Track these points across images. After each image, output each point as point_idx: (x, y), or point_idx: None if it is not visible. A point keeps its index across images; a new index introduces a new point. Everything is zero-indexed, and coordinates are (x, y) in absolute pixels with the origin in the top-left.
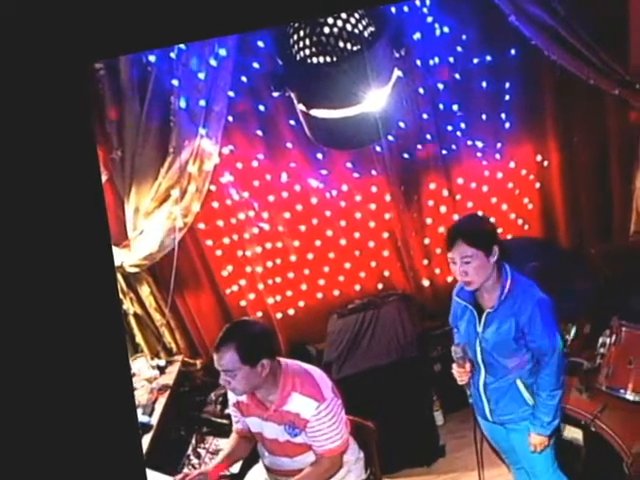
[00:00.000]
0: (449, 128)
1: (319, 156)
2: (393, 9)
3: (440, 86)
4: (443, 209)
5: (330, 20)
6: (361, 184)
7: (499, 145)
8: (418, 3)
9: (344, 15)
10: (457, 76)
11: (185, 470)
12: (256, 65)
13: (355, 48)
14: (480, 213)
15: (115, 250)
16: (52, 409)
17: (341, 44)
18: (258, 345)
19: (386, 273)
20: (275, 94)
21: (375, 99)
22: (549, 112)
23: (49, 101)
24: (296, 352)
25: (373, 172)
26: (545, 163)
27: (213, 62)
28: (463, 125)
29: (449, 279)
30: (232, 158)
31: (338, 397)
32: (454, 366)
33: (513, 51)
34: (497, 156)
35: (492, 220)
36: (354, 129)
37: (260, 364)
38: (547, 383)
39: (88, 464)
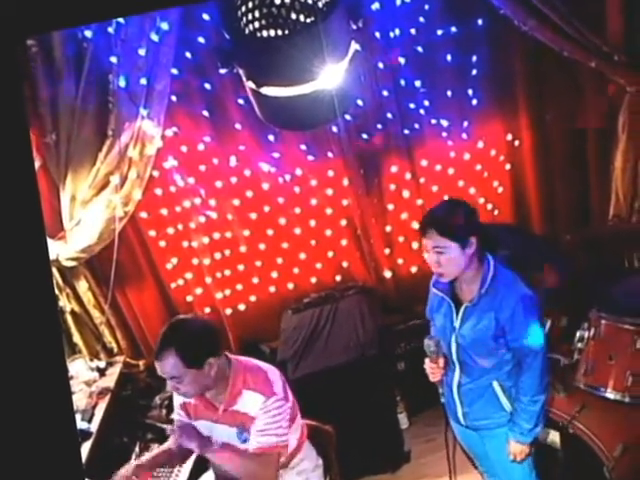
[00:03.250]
0: (411, 106)
1: (270, 138)
2: None
3: (401, 60)
4: (406, 194)
5: None
6: (316, 168)
7: (466, 124)
8: None
9: None
10: (420, 49)
11: None
12: (201, 40)
13: (308, 20)
14: (458, 199)
15: (50, 242)
16: None
17: (293, 16)
18: (200, 345)
19: (344, 264)
20: (222, 71)
21: (331, 75)
22: (520, 87)
23: None
24: (248, 351)
25: (329, 154)
26: (516, 142)
27: (154, 37)
28: (426, 102)
29: (413, 269)
30: (176, 141)
31: (289, 399)
32: (426, 361)
33: (480, 21)
34: (464, 136)
35: (471, 208)
36: (308, 108)
37: (207, 364)
38: (528, 387)
39: (22, 476)
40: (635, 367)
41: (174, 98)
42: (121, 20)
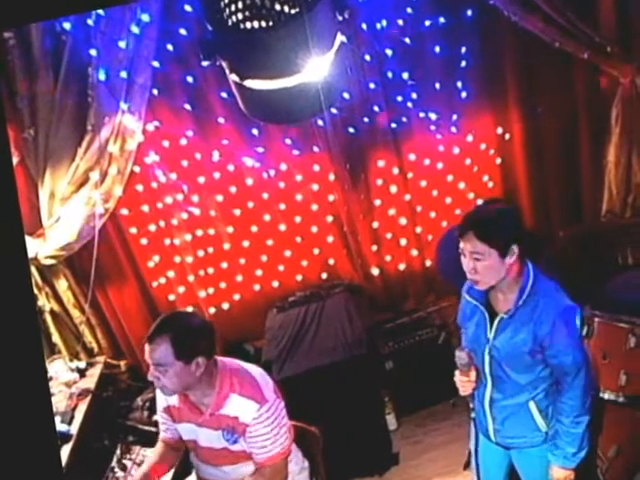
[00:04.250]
0: (399, 99)
1: (255, 132)
2: None
3: (388, 52)
4: (393, 189)
5: None
6: (302, 162)
7: (455, 117)
8: None
9: None
10: (407, 40)
11: None
12: (183, 31)
13: (293, 11)
14: (505, 203)
15: (28, 240)
16: None
17: (277, 7)
18: (196, 340)
19: (331, 261)
20: (205, 63)
21: (316, 68)
22: (510, 79)
23: None
24: (232, 351)
25: (315, 149)
26: (506, 136)
27: (135, 29)
28: (414, 95)
29: (401, 267)
30: (158, 135)
31: (280, 399)
32: (457, 374)
33: (469, 12)
34: (453, 129)
35: (517, 213)
36: (293, 101)
37: (195, 362)
38: (570, 408)
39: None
40: (629, 366)
41: (155, 91)
42: (101, 12)
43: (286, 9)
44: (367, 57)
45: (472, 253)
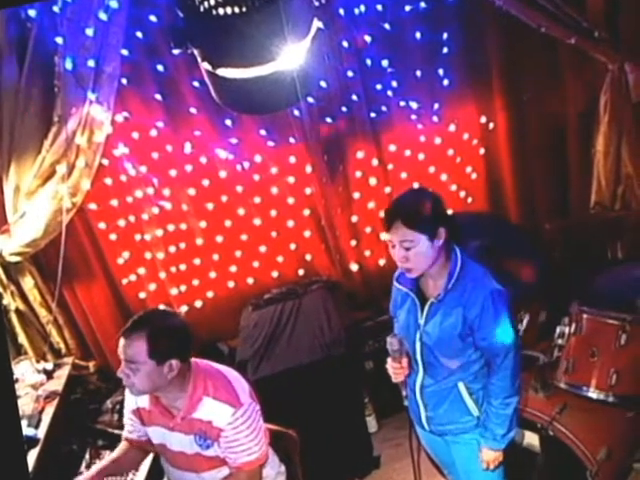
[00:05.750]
0: (378, 87)
1: (228, 123)
2: None
3: (367, 38)
4: (373, 181)
5: None
6: (277, 154)
7: (437, 106)
8: None
9: None
10: (387, 26)
11: None
12: (153, 18)
13: None
14: (424, 188)
15: None
16: None
17: None
18: (172, 342)
19: (308, 257)
20: (176, 51)
21: (292, 55)
22: (494, 66)
23: None
24: (205, 350)
25: (291, 140)
26: (490, 125)
27: (103, 16)
28: (394, 83)
29: (381, 262)
30: (127, 127)
31: (256, 402)
32: (389, 360)
33: None
34: (435, 118)
35: (438, 196)
36: (268, 90)
37: (168, 363)
38: (500, 389)
39: None
40: (619, 365)
41: (124, 81)
42: None
43: None
44: (345, 44)
45: (402, 242)
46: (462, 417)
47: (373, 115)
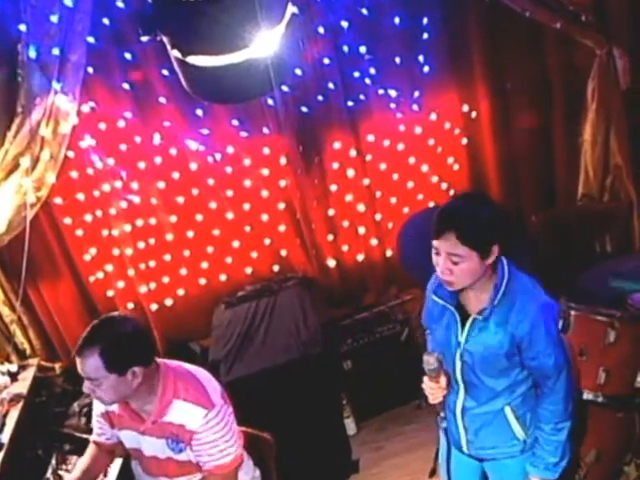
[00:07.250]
0: (356, 74)
1: (199, 112)
2: None
3: (344, 24)
4: (351, 173)
5: None
6: (250, 145)
7: (417, 94)
8: None
9: None
10: (364, 11)
11: None
12: (120, 4)
13: None
14: (483, 195)
15: None
16: None
17: None
18: (128, 350)
19: (283, 252)
20: (144, 39)
21: (265, 42)
22: (476, 53)
23: None
24: (176, 350)
25: (265, 130)
26: (473, 114)
27: (68, 2)
28: (373, 70)
29: (359, 257)
30: (94, 117)
31: (229, 404)
32: (425, 380)
33: None
34: (415, 107)
35: (499, 208)
36: (240, 79)
37: (130, 372)
38: (551, 414)
39: None
40: (608, 363)
41: (91, 70)
42: None
43: None
44: (321, 29)
45: (450, 255)
46: (507, 442)
47: (350, 104)
